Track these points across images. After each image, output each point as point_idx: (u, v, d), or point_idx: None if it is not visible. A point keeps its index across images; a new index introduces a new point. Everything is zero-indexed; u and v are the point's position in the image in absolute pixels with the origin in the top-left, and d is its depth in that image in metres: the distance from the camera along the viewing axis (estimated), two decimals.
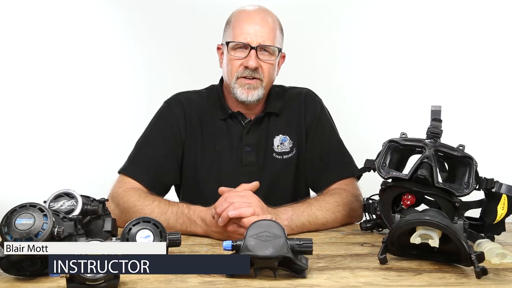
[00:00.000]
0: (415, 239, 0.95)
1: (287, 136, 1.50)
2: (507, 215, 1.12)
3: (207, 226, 1.19)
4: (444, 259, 0.98)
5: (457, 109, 2.45)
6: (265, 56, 1.41)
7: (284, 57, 1.53)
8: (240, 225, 1.13)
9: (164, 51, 2.76)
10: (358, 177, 1.47)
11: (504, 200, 1.10)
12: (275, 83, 1.53)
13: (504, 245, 1.09)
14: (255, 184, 1.22)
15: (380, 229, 1.27)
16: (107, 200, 1.11)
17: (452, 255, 0.95)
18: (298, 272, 0.89)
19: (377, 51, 2.74)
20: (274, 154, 1.49)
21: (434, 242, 0.93)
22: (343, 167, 1.48)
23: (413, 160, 1.16)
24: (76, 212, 0.98)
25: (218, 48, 1.52)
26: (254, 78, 1.41)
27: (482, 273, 0.87)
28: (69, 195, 1.00)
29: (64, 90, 2.77)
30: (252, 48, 1.38)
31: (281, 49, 1.45)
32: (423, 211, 1.04)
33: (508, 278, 0.89)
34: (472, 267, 0.88)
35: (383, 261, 0.97)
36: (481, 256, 0.88)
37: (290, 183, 1.51)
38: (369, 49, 2.75)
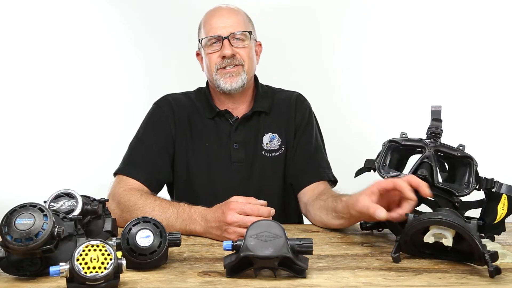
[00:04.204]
0: (429, 238, 0.95)
1: (276, 134, 1.53)
2: (507, 215, 1.12)
3: (206, 222, 1.19)
4: (457, 258, 0.98)
5: (457, 109, 2.45)
6: (238, 43, 1.46)
7: (260, 45, 1.58)
8: (241, 226, 1.14)
9: (164, 53, 2.76)
10: (334, 183, 1.51)
11: (504, 200, 1.10)
12: (269, 84, 1.57)
13: (504, 245, 1.09)
14: (263, 203, 1.21)
15: (380, 229, 1.26)
16: (107, 200, 1.11)
17: (466, 254, 0.95)
18: (298, 272, 0.89)
19: (377, 51, 2.74)
20: (263, 152, 1.52)
21: (448, 241, 0.93)
22: (323, 170, 1.51)
23: (413, 160, 1.16)
24: (76, 212, 0.98)
25: (197, 54, 1.57)
26: (234, 66, 1.45)
27: (496, 272, 0.87)
28: (69, 195, 1.00)
29: (64, 90, 2.77)
30: (224, 38, 1.43)
31: (251, 32, 1.50)
32: (437, 210, 1.04)
33: (508, 278, 0.89)
34: (486, 266, 0.88)
35: (396, 260, 0.97)
36: (494, 256, 0.88)
37: (279, 180, 1.53)
38: (369, 49, 2.75)
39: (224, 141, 1.51)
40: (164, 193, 1.56)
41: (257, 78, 1.60)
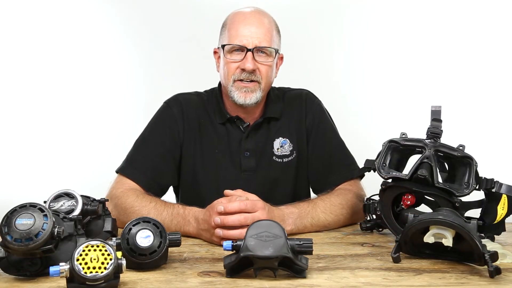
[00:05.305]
0: (429, 238, 0.95)
1: (287, 139, 1.49)
2: (507, 215, 1.12)
3: (198, 224, 1.19)
4: (457, 258, 0.98)
5: (457, 109, 2.45)
6: (262, 57, 1.39)
7: (282, 58, 1.52)
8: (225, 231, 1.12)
9: (163, 51, 2.76)
10: (361, 177, 1.48)
11: (504, 200, 1.10)
12: (274, 85, 1.53)
13: (504, 245, 1.09)
14: (249, 197, 1.19)
15: (380, 229, 1.27)
16: (107, 200, 1.11)
17: (466, 254, 0.95)
18: (298, 272, 0.89)
19: (377, 51, 2.74)
20: (274, 157, 1.49)
21: (448, 242, 0.93)
22: (346, 168, 1.47)
23: (413, 160, 1.16)
24: (76, 212, 0.98)
25: (215, 52, 1.51)
26: (251, 81, 1.39)
27: (495, 272, 0.87)
28: (69, 195, 1.00)
29: (64, 90, 2.77)
30: (248, 50, 1.37)
31: (278, 50, 1.44)
32: (437, 210, 1.04)
33: (508, 278, 0.89)
34: (485, 266, 0.88)
35: (396, 260, 0.97)
36: (494, 256, 0.88)
37: (290, 186, 1.50)
38: (369, 49, 2.75)
39: (235, 149, 1.47)
40: (170, 195, 1.55)
41: None
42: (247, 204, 1.13)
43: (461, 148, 1.14)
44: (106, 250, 0.79)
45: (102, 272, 0.77)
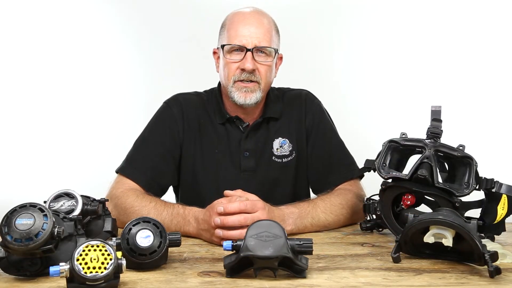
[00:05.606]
0: (429, 238, 0.95)
1: (287, 139, 1.50)
2: (507, 215, 1.12)
3: (198, 224, 1.19)
4: (457, 258, 0.98)
5: (457, 109, 2.45)
6: (261, 57, 1.40)
7: (281, 58, 1.52)
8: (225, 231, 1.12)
9: (163, 51, 2.76)
10: (361, 177, 1.48)
11: (504, 200, 1.10)
12: (273, 85, 1.53)
13: (504, 245, 1.09)
14: (249, 197, 1.19)
15: (380, 229, 1.27)
16: (107, 200, 1.11)
17: (466, 254, 0.95)
18: (298, 272, 0.89)
19: (377, 51, 2.74)
20: (273, 158, 1.49)
21: (448, 242, 0.94)
22: (346, 168, 1.47)
23: (413, 160, 1.16)
24: (76, 212, 0.98)
25: (214, 53, 1.52)
26: (251, 81, 1.39)
27: (495, 272, 0.87)
28: (69, 195, 1.00)
29: (64, 90, 2.77)
30: (248, 50, 1.37)
31: (277, 50, 1.44)
32: (437, 210, 1.04)
33: (508, 278, 0.89)
34: (486, 266, 0.88)
35: (396, 260, 0.97)
36: (494, 256, 0.88)
37: (289, 186, 1.51)
38: (369, 49, 2.75)
39: (234, 149, 1.48)
40: (170, 194, 1.55)
41: None
42: (247, 204, 1.13)
43: (461, 148, 1.14)
44: (106, 250, 0.79)
45: (102, 272, 0.77)
